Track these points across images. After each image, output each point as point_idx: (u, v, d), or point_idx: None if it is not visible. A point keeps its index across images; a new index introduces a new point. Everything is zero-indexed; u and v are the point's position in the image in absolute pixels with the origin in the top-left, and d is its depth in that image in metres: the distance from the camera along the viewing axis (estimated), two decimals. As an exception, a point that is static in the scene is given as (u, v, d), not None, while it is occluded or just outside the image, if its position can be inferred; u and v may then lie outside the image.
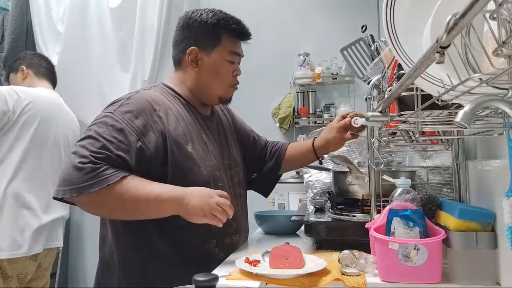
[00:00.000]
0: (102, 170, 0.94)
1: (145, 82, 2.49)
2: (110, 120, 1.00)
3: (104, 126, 1.00)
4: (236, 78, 1.22)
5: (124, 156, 0.97)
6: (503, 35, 0.44)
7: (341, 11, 2.88)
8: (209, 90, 1.19)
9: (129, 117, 1.02)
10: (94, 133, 0.99)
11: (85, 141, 0.98)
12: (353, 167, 1.25)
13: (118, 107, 1.04)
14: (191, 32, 1.17)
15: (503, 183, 0.70)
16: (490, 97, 0.53)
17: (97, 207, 1.00)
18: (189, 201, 0.97)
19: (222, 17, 1.18)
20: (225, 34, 1.17)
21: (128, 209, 0.99)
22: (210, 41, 1.16)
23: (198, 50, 1.16)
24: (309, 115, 2.81)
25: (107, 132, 0.98)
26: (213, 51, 1.16)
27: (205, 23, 1.16)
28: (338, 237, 1.16)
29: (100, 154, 0.95)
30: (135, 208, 0.99)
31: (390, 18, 0.72)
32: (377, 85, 1.09)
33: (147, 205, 0.98)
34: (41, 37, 2.73)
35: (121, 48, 2.59)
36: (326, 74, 2.79)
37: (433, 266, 0.82)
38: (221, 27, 1.17)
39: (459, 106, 0.74)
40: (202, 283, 0.63)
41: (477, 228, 0.83)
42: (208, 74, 1.17)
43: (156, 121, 1.05)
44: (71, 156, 0.97)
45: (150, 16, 2.51)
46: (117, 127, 0.99)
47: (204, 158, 1.11)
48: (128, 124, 1.01)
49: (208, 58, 1.16)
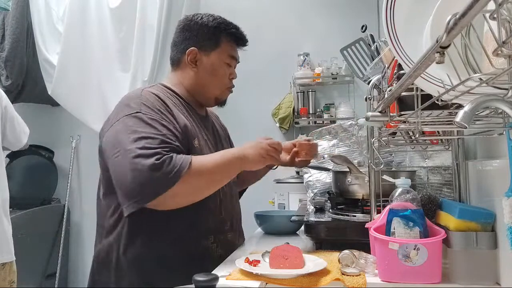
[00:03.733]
0: (176, 159, 0.97)
1: (145, 82, 2.49)
2: (145, 117, 1.03)
3: (143, 122, 1.02)
4: (231, 81, 1.25)
5: (179, 144, 1.03)
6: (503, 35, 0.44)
7: (341, 11, 2.88)
8: (206, 90, 1.22)
9: (155, 110, 1.06)
10: (142, 133, 1.00)
11: (140, 143, 0.98)
12: (353, 167, 1.25)
13: (140, 103, 1.07)
14: (192, 34, 1.21)
15: (503, 183, 0.69)
16: (490, 97, 0.53)
17: (187, 193, 1.02)
18: (247, 154, 1.06)
19: (222, 21, 1.23)
20: (225, 38, 1.21)
21: (209, 181, 1.05)
22: (210, 43, 1.20)
23: (197, 51, 1.19)
24: (309, 115, 2.81)
25: (151, 129, 1.01)
26: (212, 53, 1.20)
27: (206, 26, 1.20)
28: (338, 237, 1.16)
29: (164, 148, 0.98)
30: (218, 175, 1.06)
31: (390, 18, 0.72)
32: (377, 85, 1.09)
33: (220, 171, 1.05)
34: (41, 37, 2.73)
35: (121, 48, 2.59)
36: (326, 74, 2.79)
37: (433, 266, 0.82)
38: (221, 31, 1.21)
39: (459, 106, 0.74)
40: (202, 283, 0.63)
41: (477, 228, 0.83)
42: (206, 74, 1.20)
43: (170, 112, 1.09)
44: (134, 161, 0.96)
45: (150, 16, 2.51)
46: (156, 120, 1.03)
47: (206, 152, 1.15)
48: (161, 115, 1.05)
49: (207, 59, 1.19)
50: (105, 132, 1.08)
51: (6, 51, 2.71)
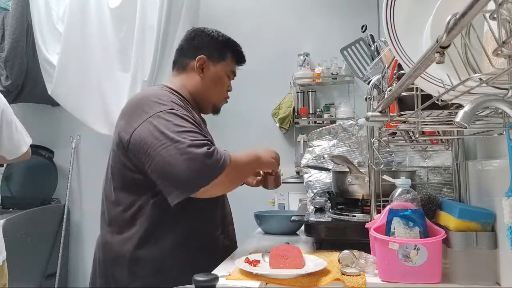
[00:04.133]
0: (220, 151, 1.06)
1: (145, 82, 2.49)
2: (179, 113, 1.09)
3: (180, 118, 1.08)
4: (227, 93, 1.36)
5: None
6: (503, 35, 0.44)
7: (341, 11, 2.88)
8: (207, 96, 1.30)
9: (182, 108, 1.14)
10: (183, 127, 1.05)
11: (187, 135, 1.04)
12: (353, 167, 1.25)
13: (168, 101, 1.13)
14: (203, 43, 1.30)
15: (503, 183, 0.69)
16: (490, 97, 0.53)
17: (227, 183, 1.08)
18: (263, 156, 1.24)
19: (230, 39, 1.35)
20: (230, 54, 1.32)
21: (241, 174, 1.18)
22: (218, 55, 1.30)
23: (206, 59, 1.28)
24: (309, 115, 2.81)
25: (190, 124, 1.08)
26: (218, 64, 1.30)
27: (216, 39, 1.31)
28: (338, 237, 1.16)
29: (206, 140, 1.06)
30: (246, 170, 1.22)
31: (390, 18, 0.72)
32: (377, 85, 1.09)
33: (248, 167, 1.21)
34: (41, 37, 2.73)
35: (121, 48, 2.59)
36: (326, 74, 2.79)
37: (433, 266, 0.82)
38: (228, 47, 1.32)
39: (459, 106, 0.74)
40: (202, 283, 0.63)
41: (477, 228, 0.84)
42: (210, 82, 1.29)
43: (188, 111, 1.16)
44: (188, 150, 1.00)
45: (150, 16, 2.51)
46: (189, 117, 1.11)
47: None
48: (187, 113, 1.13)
49: (213, 68, 1.29)
50: (135, 128, 1.08)
51: (6, 51, 2.71)
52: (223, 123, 2.91)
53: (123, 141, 1.11)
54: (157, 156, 1.02)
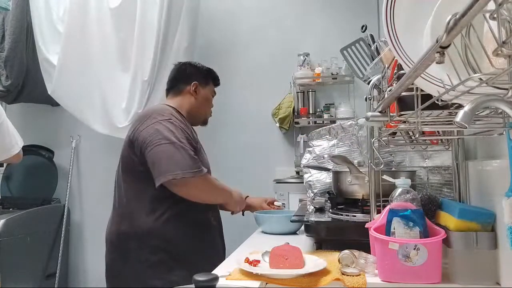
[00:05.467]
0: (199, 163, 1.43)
1: (145, 82, 2.49)
2: (176, 124, 1.47)
3: (175, 127, 1.45)
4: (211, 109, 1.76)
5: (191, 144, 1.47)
6: (503, 35, 0.44)
7: (341, 11, 2.88)
8: (199, 113, 1.69)
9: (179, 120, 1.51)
10: (177, 134, 1.42)
11: (179, 140, 1.41)
12: (353, 167, 1.25)
13: (169, 114, 1.51)
14: (192, 72, 1.70)
15: (503, 183, 0.69)
16: (490, 97, 0.52)
17: (200, 190, 1.45)
18: (234, 196, 1.63)
19: (210, 68, 1.76)
20: (211, 80, 1.74)
21: (212, 194, 1.52)
22: (204, 81, 1.70)
23: (198, 84, 1.67)
24: (309, 115, 2.80)
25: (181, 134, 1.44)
26: (206, 87, 1.71)
27: (201, 69, 1.72)
28: (338, 237, 1.16)
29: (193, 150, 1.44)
30: (216, 192, 1.55)
31: (390, 18, 0.72)
32: (377, 85, 1.09)
33: (221, 192, 1.58)
34: (41, 37, 2.72)
35: (121, 48, 2.59)
36: (326, 74, 2.78)
37: (433, 266, 0.82)
38: (210, 73, 1.75)
39: (459, 106, 0.73)
40: (202, 283, 0.63)
41: (477, 228, 0.84)
42: (202, 101, 1.69)
43: (186, 125, 1.54)
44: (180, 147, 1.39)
45: (150, 16, 2.51)
46: (182, 128, 1.48)
47: (203, 156, 1.60)
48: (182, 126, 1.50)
49: (203, 91, 1.69)
50: (142, 130, 1.45)
51: (6, 51, 2.71)
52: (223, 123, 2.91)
53: (133, 139, 1.47)
54: (154, 148, 1.39)
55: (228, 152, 2.80)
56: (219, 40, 2.90)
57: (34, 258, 2.75)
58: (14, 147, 1.81)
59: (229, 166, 2.68)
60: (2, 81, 2.74)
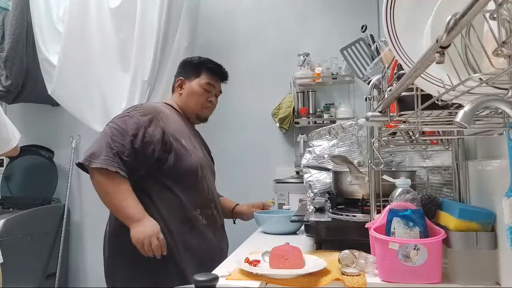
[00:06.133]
0: (112, 159, 1.36)
1: (145, 82, 2.49)
2: (127, 118, 1.47)
3: (123, 121, 1.45)
4: (210, 103, 1.67)
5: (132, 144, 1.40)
6: (503, 35, 0.44)
7: (341, 11, 2.88)
8: (188, 107, 1.66)
9: (140, 115, 1.48)
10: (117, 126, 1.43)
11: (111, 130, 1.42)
12: (353, 167, 1.25)
13: (133, 109, 1.53)
14: (183, 68, 1.71)
15: (503, 183, 0.69)
16: (490, 97, 0.52)
17: (94, 182, 1.40)
18: (138, 228, 1.36)
19: (204, 59, 1.70)
20: (204, 70, 1.65)
21: (108, 196, 1.39)
22: (193, 73, 1.66)
23: (183, 79, 1.67)
24: (309, 115, 2.80)
25: (125, 126, 1.43)
26: (193, 81, 1.65)
27: (191, 62, 1.69)
28: (338, 237, 1.16)
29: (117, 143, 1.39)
30: (110, 200, 1.39)
31: (390, 18, 0.72)
32: (377, 85, 1.09)
33: (117, 205, 1.39)
34: (41, 37, 2.72)
35: (121, 48, 2.58)
36: (326, 74, 2.79)
37: (433, 266, 0.82)
38: (201, 64, 1.67)
39: (459, 106, 0.74)
40: (202, 283, 0.63)
41: (477, 228, 0.83)
42: (187, 95, 1.65)
43: (159, 120, 1.49)
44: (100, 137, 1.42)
45: (150, 16, 2.51)
46: (131, 121, 1.45)
47: (193, 150, 1.54)
48: (139, 119, 1.46)
49: (189, 85, 1.65)
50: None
51: (6, 51, 2.71)
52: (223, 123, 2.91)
53: None
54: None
55: (228, 152, 2.79)
56: (219, 40, 2.90)
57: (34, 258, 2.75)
58: (12, 140, 1.85)
59: (229, 166, 2.68)
60: (2, 81, 2.74)
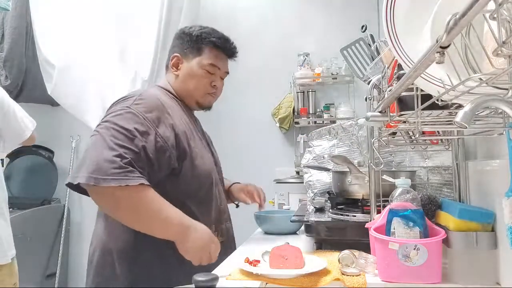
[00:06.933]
0: (127, 171, 1.00)
1: (145, 82, 2.49)
2: (130, 115, 1.09)
3: (125, 120, 1.07)
4: (214, 88, 1.31)
5: (145, 151, 1.05)
6: (503, 35, 0.44)
7: (341, 11, 2.88)
8: (187, 93, 1.30)
9: (144, 111, 1.11)
10: (118, 127, 1.05)
11: (111, 133, 1.04)
12: (353, 167, 1.25)
13: (133, 102, 1.13)
14: (179, 42, 1.32)
15: (503, 183, 0.69)
16: (490, 97, 0.52)
17: (109, 203, 1.05)
18: (191, 239, 1.05)
19: (206, 30, 1.31)
20: (207, 47, 1.29)
21: (138, 216, 1.04)
22: (192, 50, 1.29)
23: (180, 56, 1.30)
24: (309, 115, 2.81)
25: (130, 126, 1.06)
26: (193, 60, 1.28)
27: (190, 35, 1.30)
28: (338, 237, 1.16)
29: (126, 149, 1.02)
30: (144, 218, 1.04)
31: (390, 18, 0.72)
32: (377, 85, 1.09)
33: (156, 220, 1.05)
34: (41, 37, 2.72)
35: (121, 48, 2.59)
36: (326, 74, 2.79)
37: (433, 266, 0.82)
38: (202, 39, 1.29)
39: (459, 106, 0.74)
40: (202, 283, 0.63)
41: (477, 228, 0.83)
42: (185, 77, 1.29)
43: (167, 117, 1.14)
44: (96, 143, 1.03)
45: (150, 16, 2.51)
46: (136, 120, 1.08)
47: (202, 153, 1.23)
48: (145, 118, 1.09)
49: (187, 64, 1.29)
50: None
51: (5, 51, 2.71)
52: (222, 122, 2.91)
53: None
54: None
55: (228, 152, 2.79)
56: (219, 40, 2.89)
57: (34, 258, 2.75)
58: (24, 131, 1.84)
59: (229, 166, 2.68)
60: (1, 81, 2.74)
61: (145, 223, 1.06)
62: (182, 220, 1.06)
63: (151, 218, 1.04)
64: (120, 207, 1.04)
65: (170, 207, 1.05)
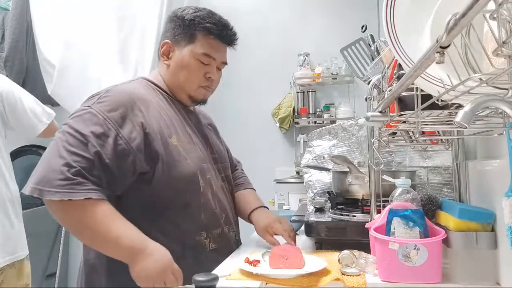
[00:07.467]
0: (74, 183, 0.91)
1: (145, 82, 2.49)
2: (88, 116, 0.99)
3: (82, 122, 0.98)
4: (209, 81, 1.18)
5: (100, 157, 0.95)
6: (503, 35, 0.44)
7: (341, 11, 2.88)
8: (178, 85, 1.18)
9: (107, 110, 1.00)
10: (73, 131, 0.96)
11: (66, 138, 0.96)
12: (353, 167, 1.25)
13: (96, 100, 1.04)
14: (171, 26, 1.18)
15: (503, 183, 0.69)
16: (490, 97, 0.53)
17: (57, 217, 0.96)
18: (143, 262, 0.93)
19: (201, 14, 1.15)
20: (200, 33, 1.14)
21: (85, 233, 0.96)
22: (184, 37, 1.15)
23: (171, 44, 1.17)
24: (309, 115, 2.81)
25: (86, 130, 0.96)
26: (185, 47, 1.15)
27: (183, 19, 1.15)
28: (338, 237, 1.16)
29: (77, 156, 0.93)
30: (91, 237, 0.96)
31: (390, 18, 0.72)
32: (377, 85, 1.09)
33: (103, 240, 0.95)
34: (41, 37, 2.72)
35: (121, 48, 2.59)
36: (326, 74, 2.79)
37: (433, 266, 0.82)
38: (196, 24, 1.14)
39: (459, 106, 0.74)
40: (202, 283, 0.63)
41: (477, 228, 0.83)
42: (176, 68, 1.16)
43: (136, 114, 1.03)
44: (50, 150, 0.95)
45: (150, 15, 2.51)
46: (95, 121, 0.98)
47: (189, 150, 1.10)
48: (106, 118, 0.99)
49: (179, 53, 1.16)
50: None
51: (5, 51, 2.71)
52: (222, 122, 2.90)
53: None
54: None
55: (228, 152, 2.80)
56: (219, 40, 2.90)
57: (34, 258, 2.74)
58: (37, 125, 1.76)
59: (229, 166, 2.68)
60: (2, 81, 2.74)
61: (93, 242, 0.98)
62: (134, 243, 0.94)
63: (98, 237, 0.94)
64: (66, 223, 0.97)
65: (123, 226, 0.95)
